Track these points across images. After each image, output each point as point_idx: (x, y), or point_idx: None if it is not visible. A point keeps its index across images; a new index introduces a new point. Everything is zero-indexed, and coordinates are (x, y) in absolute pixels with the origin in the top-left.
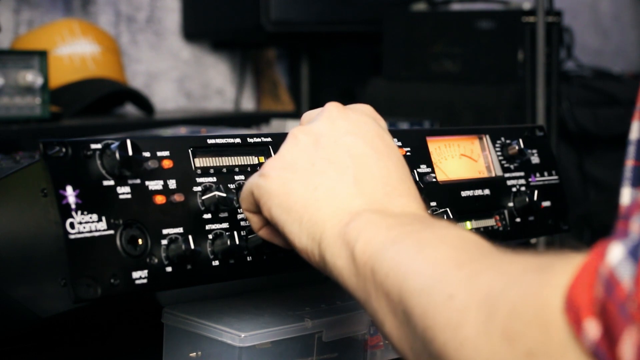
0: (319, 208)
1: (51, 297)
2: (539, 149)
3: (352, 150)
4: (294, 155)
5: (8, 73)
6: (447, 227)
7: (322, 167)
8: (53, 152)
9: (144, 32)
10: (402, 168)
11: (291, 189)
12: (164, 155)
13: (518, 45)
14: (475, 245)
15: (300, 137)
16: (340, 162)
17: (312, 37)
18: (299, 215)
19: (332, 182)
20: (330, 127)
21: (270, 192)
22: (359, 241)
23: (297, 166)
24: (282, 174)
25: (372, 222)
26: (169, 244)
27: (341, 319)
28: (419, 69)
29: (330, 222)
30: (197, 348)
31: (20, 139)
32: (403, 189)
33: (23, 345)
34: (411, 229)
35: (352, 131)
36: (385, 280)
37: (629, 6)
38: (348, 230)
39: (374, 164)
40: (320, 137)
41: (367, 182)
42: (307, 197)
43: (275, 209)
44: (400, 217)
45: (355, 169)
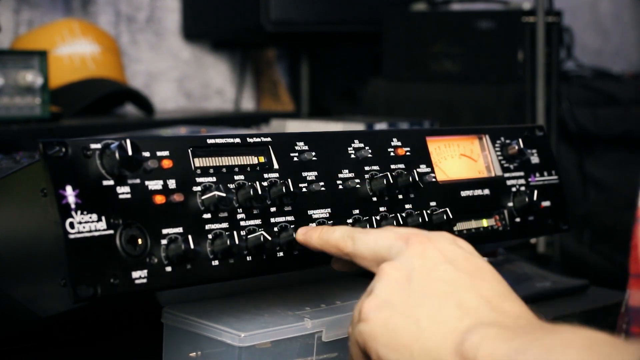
0: (428, 338)
1: (51, 297)
2: (539, 149)
3: (446, 277)
4: (388, 292)
5: (8, 73)
6: (571, 330)
7: (420, 298)
8: (53, 152)
9: (144, 32)
10: (499, 284)
11: (394, 327)
12: (164, 155)
13: (518, 45)
14: (607, 342)
15: (392, 273)
16: (437, 291)
17: (312, 37)
18: (408, 350)
19: (434, 311)
20: (421, 259)
21: (373, 335)
22: (480, 357)
23: (394, 303)
24: (380, 314)
25: (489, 336)
26: (169, 244)
27: (341, 319)
28: (419, 69)
29: (444, 346)
30: (197, 348)
31: (20, 139)
32: (507, 303)
33: (23, 345)
34: (533, 337)
35: (443, 260)
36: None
37: (629, 6)
38: (464, 348)
39: (471, 285)
40: (412, 271)
41: (469, 303)
42: (413, 331)
43: (383, 349)
44: (516, 327)
45: (454, 293)
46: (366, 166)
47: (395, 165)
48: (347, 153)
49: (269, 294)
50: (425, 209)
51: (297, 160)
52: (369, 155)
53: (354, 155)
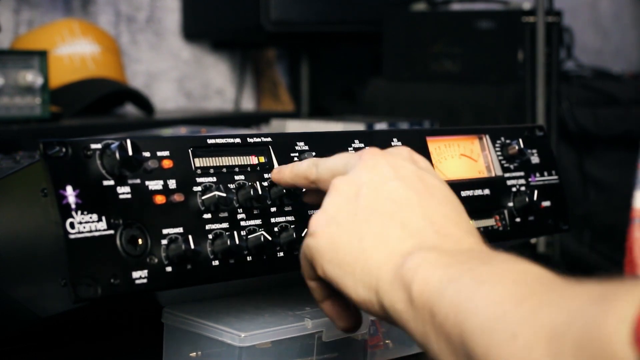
0: (369, 257)
1: (51, 297)
2: (539, 149)
3: (395, 195)
4: (336, 208)
5: (8, 73)
6: (506, 260)
7: (366, 216)
8: (53, 152)
9: (144, 32)
10: (448, 205)
11: (339, 243)
12: (164, 155)
13: (518, 45)
14: (535, 277)
15: (341, 188)
16: (383, 209)
17: (312, 37)
18: (350, 267)
19: (378, 229)
20: (371, 175)
21: (319, 250)
22: (415, 282)
23: (341, 218)
24: (328, 229)
25: (427, 261)
26: (169, 244)
27: None
28: (419, 69)
29: (384, 267)
30: (197, 348)
31: (20, 139)
32: (452, 225)
33: (23, 345)
34: (469, 267)
35: (394, 176)
36: (445, 322)
37: (629, 6)
38: (403, 271)
39: (418, 205)
40: (361, 186)
41: (414, 224)
42: (355, 248)
43: (327, 265)
44: (456, 253)
45: (400, 212)
46: None
47: None
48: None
49: (269, 294)
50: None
51: (298, 160)
52: None
53: None
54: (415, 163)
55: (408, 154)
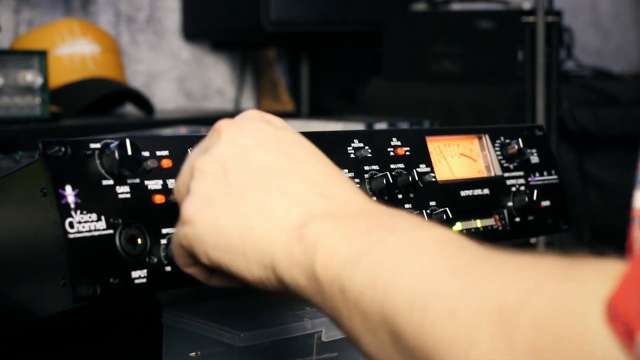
0: (257, 234)
1: (51, 296)
2: (539, 149)
3: (263, 163)
4: (207, 190)
5: (8, 73)
6: (415, 227)
7: (241, 191)
8: (52, 152)
9: (144, 32)
10: (319, 161)
11: (219, 226)
12: (164, 155)
13: (518, 45)
14: (457, 245)
15: (205, 168)
16: (257, 180)
17: (312, 37)
18: (240, 249)
19: (259, 203)
20: (232, 148)
21: (199, 237)
22: (318, 257)
23: (216, 200)
24: (204, 214)
25: (326, 233)
26: (169, 244)
27: None
28: (419, 69)
29: (277, 242)
30: (197, 348)
31: (20, 139)
32: (333, 183)
33: (23, 345)
34: (376, 236)
35: (255, 144)
36: (360, 299)
37: (629, 6)
38: (302, 248)
39: (291, 168)
40: (225, 162)
41: (294, 190)
42: (240, 228)
43: (212, 251)
44: (352, 219)
45: (275, 180)
46: (366, 166)
47: (395, 165)
48: (346, 153)
49: (269, 294)
50: (425, 208)
51: None
52: (369, 155)
53: (353, 155)
54: (269, 123)
55: (259, 114)
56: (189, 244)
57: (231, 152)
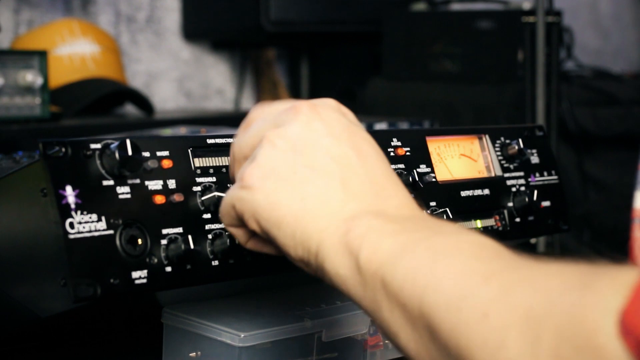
0: (311, 220)
1: (51, 297)
2: (539, 149)
3: (332, 153)
4: (273, 163)
5: (8, 73)
6: (457, 232)
7: (306, 174)
8: (53, 152)
9: (144, 32)
10: (383, 162)
11: (277, 201)
12: (164, 155)
13: (518, 45)
14: (494, 252)
15: (276, 142)
16: (323, 168)
17: (312, 37)
18: (290, 229)
19: (319, 190)
20: (306, 130)
21: (254, 205)
22: (363, 250)
23: (279, 175)
24: (265, 185)
25: (374, 229)
26: (169, 244)
27: (341, 318)
28: (419, 69)
29: (326, 232)
30: (197, 348)
31: (20, 139)
32: (391, 186)
33: (23, 345)
34: (420, 236)
35: (328, 132)
36: (401, 293)
37: (629, 6)
38: (348, 239)
39: (357, 164)
40: (297, 142)
41: (354, 185)
42: (296, 209)
43: (265, 223)
44: (401, 220)
45: (340, 172)
46: None
47: (395, 165)
48: None
49: (269, 294)
50: (426, 208)
51: None
52: None
53: None
54: (345, 115)
55: (336, 105)
56: (242, 208)
57: (305, 134)
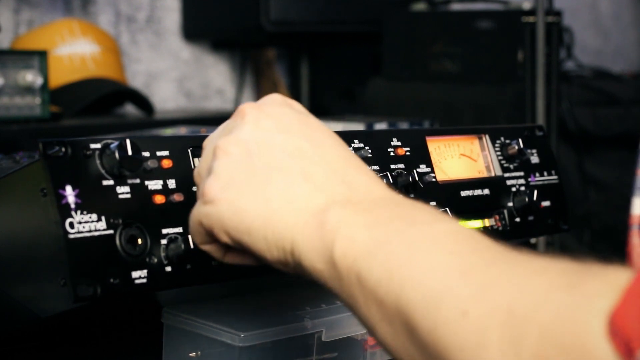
0: (279, 219)
1: (51, 297)
2: (539, 149)
3: (287, 147)
4: (230, 171)
5: (8, 73)
6: (432, 221)
7: (265, 175)
8: (53, 152)
9: (144, 32)
10: (340, 147)
11: (242, 208)
12: (164, 155)
13: (518, 45)
14: (472, 243)
15: (229, 149)
16: (281, 164)
17: (312, 37)
18: (261, 232)
19: (281, 188)
20: (256, 130)
21: (220, 217)
22: (337, 244)
23: (239, 181)
24: (226, 194)
25: (345, 221)
26: (169, 244)
27: (341, 318)
28: (419, 69)
29: (297, 227)
30: (197, 348)
31: (20, 139)
32: (354, 170)
33: (23, 345)
34: (394, 228)
35: (279, 128)
36: (377, 289)
37: (629, 6)
38: (321, 233)
39: (314, 154)
40: (249, 144)
41: (316, 176)
42: (263, 211)
43: (234, 232)
44: (372, 207)
45: (298, 166)
46: None
47: (395, 165)
48: None
49: (269, 294)
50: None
51: None
52: (369, 155)
53: None
54: (292, 107)
55: (282, 99)
56: (209, 223)
57: (255, 135)
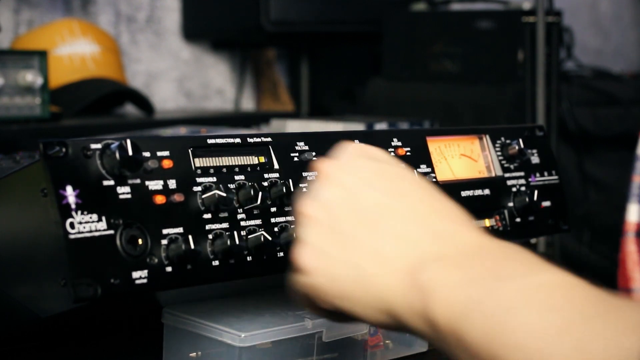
0: (373, 281)
1: (51, 297)
2: (539, 149)
3: (371, 205)
4: (318, 238)
5: (8, 73)
6: (524, 273)
7: (353, 237)
8: (53, 152)
9: (144, 32)
10: (425, 196)
11: (336, 277)
12: (164, 155)
13: (518, 45)
14: (566, 296)
15: (313, 214)
16: (365, 223)
17: (312, 37)
18: (356, 297)
19: (370, 248)
20: (337, 191)
21: (319, 287)
22: (433, 305)
23: (328, 248)
24: (318, 264)
25: (439, 280)
26: (169, 244)
27: None
28: (419, 69)
29: (392, 289)
30: (197, 348)
31: (20, 139)
32: (441, 219)
33: (23, 345)
34: (488, 286)
35: (359, 184)
36: (477, 350)
37: (629, 6)
38: (417, 294)
39: (399, 208)
40: (332, 207)
41: (403, 231)
42: (356, 277)
43: (334, 300)
44: (463, 262)
45: (383, 222)
46: None
47: None
48: None
49: (269, 294)
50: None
51: (298, 160)
52: None
53: None
54: (370, 158)
55: (359, 150)
56: (313, 294)
57: (337, 195)
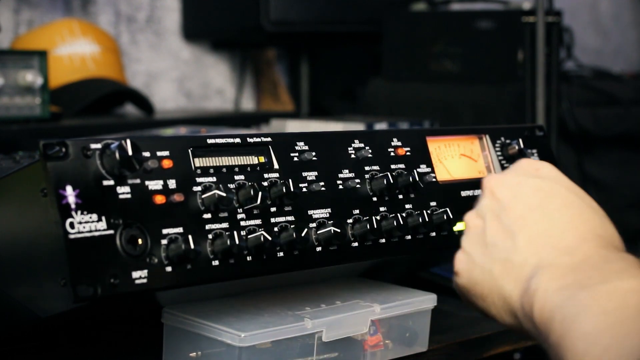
0: (500, 286)
1: (51, 297)
2: (539, 149)
3: (510, 218)
4: (469, 244)
5: (8, 73)
6: (606, 280)
7: (491, 245)
8: (53, 152)
9: (144, 32)
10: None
11: (476, 279)
12: (164, 155)
13: (518, 45)
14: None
15: (470, 223)
16: (506, 235)
17: (312, 37)
18: (490, 299)
19: (502, 256)
20: (489, 202)
21: (465, 288)
22: (534, 309)
23: (473, 254)
24: (466, 267)
25: (541, 287)
26: (169, 244)
27: (341, 319)
28: (419, 69)
29: (513, 294)
30: (197, 348)
31: (20, 139)
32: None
33: (23, 345)
34: (571, 293)
35: (508, 198)
36: (558, 351)
37: (629, 6)
38: (527, 299)
39: (536, 222)
40: (485, 216)
41: (531, 242)
42: (489, 280)
43: (473, 300)
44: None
45: (521, 235)
46: (366, 166)
47: (395, 165)
48: (347, 153)
49: (269, 294)
50: (426, 209)
51: (297, 160)
52: (369, 155)
53: (354, 155)
54: (532, 173)
55: (528, 165)
56: (460, 293)
57: (488, 206)
